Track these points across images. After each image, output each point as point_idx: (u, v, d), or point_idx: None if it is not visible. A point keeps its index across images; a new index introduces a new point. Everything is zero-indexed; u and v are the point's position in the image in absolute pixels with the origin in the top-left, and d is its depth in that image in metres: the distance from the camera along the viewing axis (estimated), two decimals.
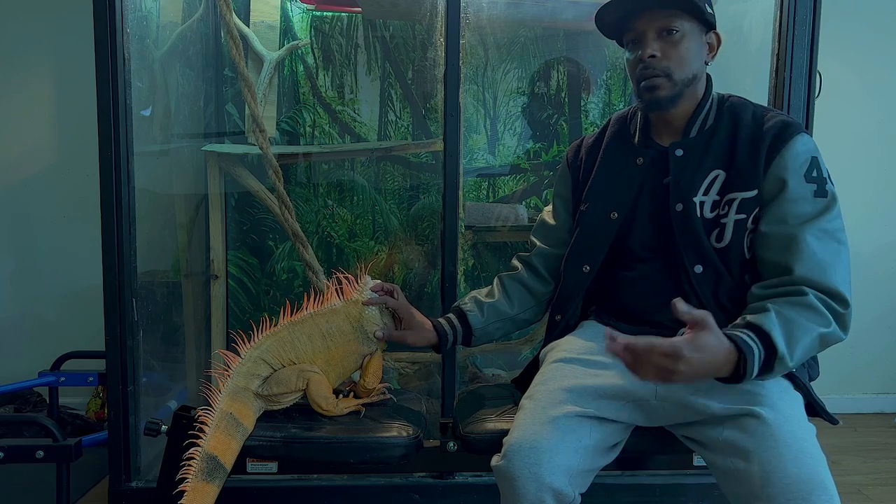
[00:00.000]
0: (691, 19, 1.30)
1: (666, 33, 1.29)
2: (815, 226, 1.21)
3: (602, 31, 1.40)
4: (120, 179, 1.86)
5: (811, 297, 1.16)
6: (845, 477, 2.36)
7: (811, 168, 1.24)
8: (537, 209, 2.52)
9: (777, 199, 1.24)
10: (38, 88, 2.85)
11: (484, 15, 2.46)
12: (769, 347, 1.11)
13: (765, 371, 1.12)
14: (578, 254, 1.44)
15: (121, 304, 1.89)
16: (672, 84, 1.30)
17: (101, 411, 2.69)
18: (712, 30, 1.35)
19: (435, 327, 1.49)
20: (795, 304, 1.16)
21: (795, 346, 1.13)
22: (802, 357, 1.15)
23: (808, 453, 1.08)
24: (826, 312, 1.16)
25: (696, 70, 1.32)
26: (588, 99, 2.55)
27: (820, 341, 1.16)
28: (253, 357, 1.39)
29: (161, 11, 2.34)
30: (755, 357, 1.10)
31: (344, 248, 2.55)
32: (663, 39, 1.29)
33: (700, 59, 1.33)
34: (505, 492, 1.20)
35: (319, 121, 2.52)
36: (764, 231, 1.25)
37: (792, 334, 1.13)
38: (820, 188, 1.23)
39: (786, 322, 1.14)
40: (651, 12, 1.29)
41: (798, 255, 1.19)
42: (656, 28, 1.29)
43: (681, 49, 1.29)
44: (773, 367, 1.12)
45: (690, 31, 1.30)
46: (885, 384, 3.10)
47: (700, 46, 1.33)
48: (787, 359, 1.12)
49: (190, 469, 1.27)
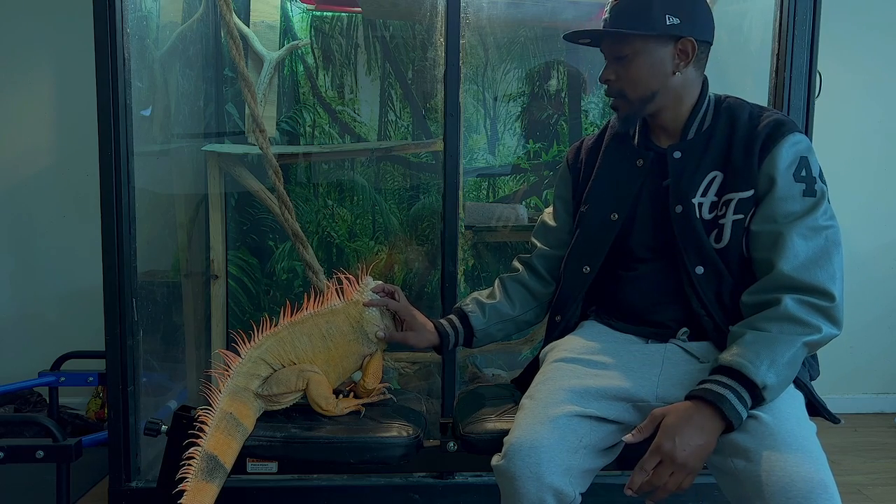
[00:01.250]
0: (644, 39, 1.30)
1: (616, 60, 1.34)
2: (802, 223, 1.21)
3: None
4: (120, 179, 1.86)
5: (790, 304, 1.16)
6: (845, 477, 2.36)
7: (800, 167, 1.25)
8: (537, 209, 2.52)
9: (766, 197, 1.25)
10: (38, 88, 2.85)
11: (484, 15, 2.46)
12: (746, 384, 1.12)
13: (758, 403, 1.13)
14: (579, 255, 1.45)
15: (121, 304, 1.89)
16: (628, 103, 1.35)
17: (101, 411, 2.69)
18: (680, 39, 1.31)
19: (437, 328, 1.49)
20: (774, 318, 1.17)
21: (775, 365, 1.13)
22: (790, 369, 1.15)
23: (808, 453, 1.08)
24: (808, 318, 1.16)
25: (656, 86, 1.32)
26: (588, 99, 2.55)
27: (806, 349, 1.17)
28: (253, 357, 1.38)
29: (161, 11, 2.34)
30: (731, 399, 1.11)
31: (344, 248, 2.55)
32: (618, 63, 1.34)
33: (660, 74, 1.32)
34: (505, 491, 1.20)
35: (319, 121, 2.52)
36: (754, 230, 1.26)
37: (772, 355, 1.13)
38: (808, 187, 1.24)
39: (762, 342, 1.15)
40: (607, 39, 1.35)
41: (782, 253, 1.20)
42: (610, 54, 1.35)
43: (631, 71, 1.32)
44: (762, 397, 1.13)
45: (643, 50, 1.30)
46: (885, 384, 3.10)
47: (659, 62, 1.31)
48: (770, 382, 1.12)
49: (190, 469, 1.27)
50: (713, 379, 1.14)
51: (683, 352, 1.31)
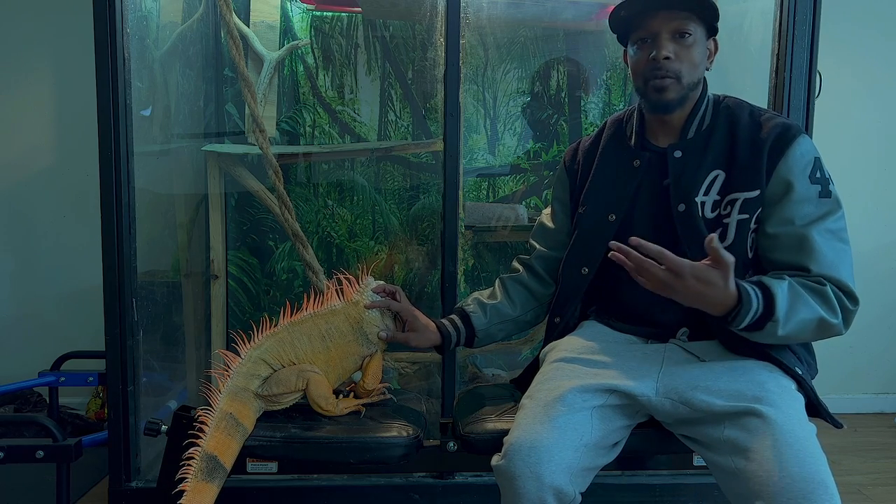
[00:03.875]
0: (701, 24, 1.32)
1: (679, 36, 1.30)
2: (821, 226, 1.24)
3: (611, 25, 1.40)
4: (120, 179, 1.86)
5: (829, 288, 1.20)
6: (845, 477, 2.36)
7: (815, 169, 1.26)
8: (537, 209, 2.52)
9: (783, 201, 1.26)
10: (38, 88, 2.85)
11: (484, 15, 2.46)
12: (768, 308, 1.16)
13: (754, 328, 1.18)
14: (577, 256, 1.45)
15: (121, 304, 1.89)
16: (681, 87, 1.32)
17: (101, 411, 2.69)
18: (713, 36, 1.36)
19: (439, 328, 1.50)
20: (811, 288, 1.21)
21: (793, 317, 1.17)
22: (796, 331, 1.19)
23: (808, 452, 1.08)
24: (836, 305, 1.20)
25: (701, 74, 1.35)
26: (588, 99, 2.55)
27: (819, 325, 1.20)
28: (253, 357, 1.38)
29: (161, 11, 2.34)
30: (750, 312, 1.16)
31: (344, 248, 2.55)
32: (676, 42, 1.30)
33: (703, 64, 1.35)
34: (505, 491, 1.20)
35: (319, 121, 2.52)
36: (771, 233, 1.26)
37: (795, 307, 1.17)
38: (824, 189, 1.26)
39: (795, 295, 1.18)
40: (668, 13, 1.30)
41: (812, 255, 1.22)
42: (671, 29, 1.30)
43: (692, 53, 1.31)
44: (763, 328, 1.18)
45: (700, 36, 1.32)
46: (885, 384, 3.10)
47: (705, 52, 1.35)
48: (779, 324, 1.16)
49: (190, 469, 1.27)
50: (754, 289, 1.17)
51: (684, 351, 1.31)
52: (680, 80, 1.30)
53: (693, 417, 1.21)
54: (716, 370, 1.24)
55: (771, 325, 1.17)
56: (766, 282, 1.19)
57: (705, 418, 1.19)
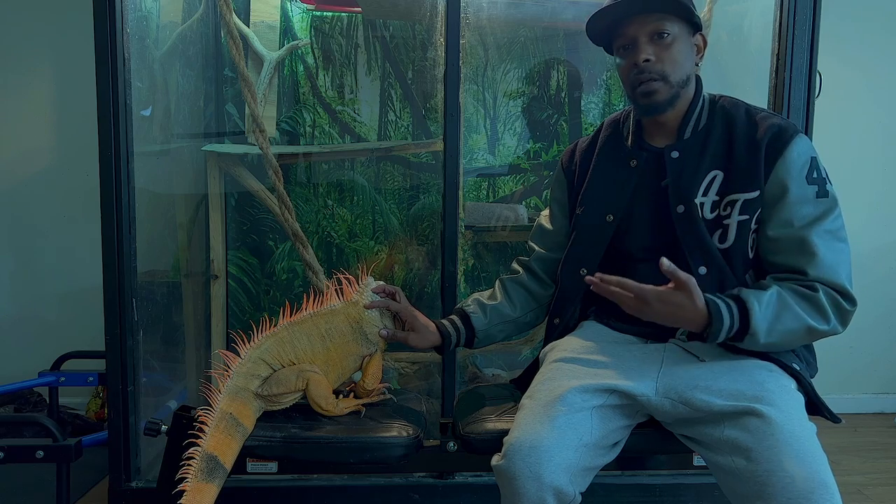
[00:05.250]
0: (680, 22, 1.32)
1: (657, 37, 1.31)
2: (819, 227, 1.24)
3: (591, 39, 1.42)
4: (120, 179, 1.86)
5: (821, 294, 1.21)
6: (845, 477, 2.35)
7: (811, 169, 1.26)
8: (537, 209, 2.52)
9: (780, 202, 1.26)
10: (38, 88, 2.85)
11: (484, 15, 2.46)
12: (744, 324, 1.18)
13: (735, 340, 1.21)
14: (576, 257, 1.45)
15: (121, 304, 1.89)
16: (669, 86, 1.32)
17: (101, 411, 2.69)
18: (699, 31, 1.36)
19: (439, 329, 1.49)
20: (802, 295, 1.21)
21: (777, 328, 1.19)
22: (781, 340, 1.21)
23: (809, 452, 1.08)
24: (829, 311, 1.21)
25: (689, 71, 1.34)
26: (588, 99, 2.55)
27: (806, 332, 1.21)
28: (253, 357, 1.38)
29: (161, 11, 2.34)
30: (723, 329, 1.18)
31: (344, 248, 2.55)
32: (655, 43, 1.31)
33: (691, 61, 1.35)
34: (505, 491, 1.20)
35: (319, 121, 2.52)
36: (771, 236, 1.27)
37: (780, 318, 1.19)
38: (821, 189, 1.26)
39: (782, 306, 1.20)
40: (641, 17, 1.31)
41: (810, 259, 1.23)
42: (647, 32, 1.31)
43: (673, 51, 1.31)
44: (742, 340, 1.20)
45: (680, 34, 1.32)
46: (885, 384, 3.10)
47: (690, 48, 1.35)
48: (759, 336, 1.18)
49: (190, 469, 1.27)
50: (727, 305, 1.19)
51: (683, 351, 1.31)
52: (666, 79, 1.31)
53: (693, 417, 1.21)
54: (715, 370, 1.24)
55: (749, 339, 1.19)
56: (744, 296, 1.20)
57: (705, 418, 1.19)
